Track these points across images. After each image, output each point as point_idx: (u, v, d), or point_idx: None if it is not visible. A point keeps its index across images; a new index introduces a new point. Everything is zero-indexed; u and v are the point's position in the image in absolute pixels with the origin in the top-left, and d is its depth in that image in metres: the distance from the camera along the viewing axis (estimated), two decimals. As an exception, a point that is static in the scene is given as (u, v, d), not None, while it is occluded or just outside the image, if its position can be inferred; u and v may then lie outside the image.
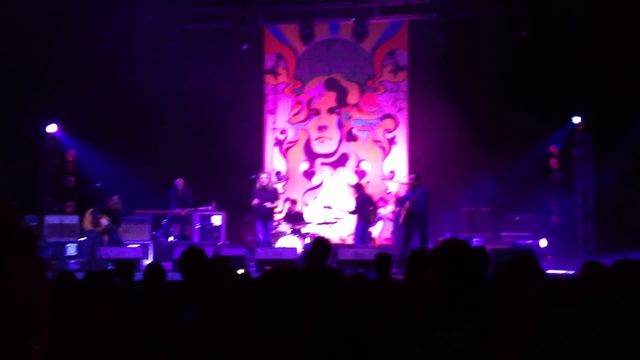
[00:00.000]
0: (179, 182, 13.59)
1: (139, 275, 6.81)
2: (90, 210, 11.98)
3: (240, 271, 5.73)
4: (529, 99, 12.56)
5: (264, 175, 12.53)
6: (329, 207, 13.30)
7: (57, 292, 3.97)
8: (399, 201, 12.12)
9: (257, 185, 12.24)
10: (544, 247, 12.65)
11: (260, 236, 12.06)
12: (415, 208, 11.24)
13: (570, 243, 13.07)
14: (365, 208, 12.15)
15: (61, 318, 3.72)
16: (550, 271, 8.29)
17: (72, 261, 11.97)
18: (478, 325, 2.36)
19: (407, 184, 12.43)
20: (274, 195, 12.41)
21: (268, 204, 12.06)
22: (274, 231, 12.49)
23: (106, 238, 11.87)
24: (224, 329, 2.98)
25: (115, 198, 11.79)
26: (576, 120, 13.31)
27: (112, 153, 14.06)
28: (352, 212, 12.41)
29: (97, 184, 12.78)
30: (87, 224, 11.82)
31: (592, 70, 12.34)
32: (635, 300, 1.12)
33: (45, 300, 0.79)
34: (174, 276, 8.69)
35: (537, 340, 1.10)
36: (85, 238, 11.80)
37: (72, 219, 12.86)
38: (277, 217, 13.14)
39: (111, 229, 11.66)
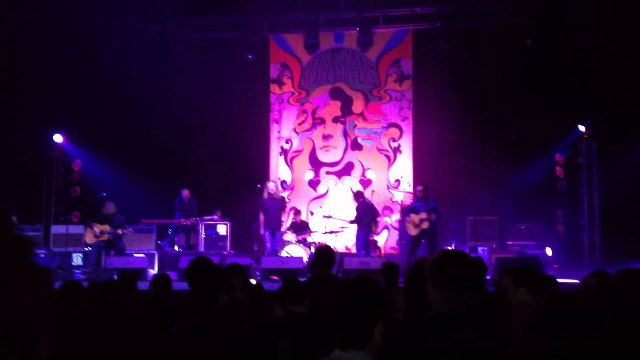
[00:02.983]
0: (185, 192, 13.63)
1: (143, 285, 6.81)
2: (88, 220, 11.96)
3: (253, 281, 5.72)
4: (534, 108, 12.54)
5: (271, 184, 12.41)
6: (329, 217, 13.23)
7: (65, 301, 3.98)
8: (404, 211, 12.06)
9: (265, 194, 12.17)
10: (550, 256, 12.61)
11: (269, 245, 11.99)
12: (436, 220, 11.28)
13: (576, 252, 13.04)
14: (367, 217, 12.08)
15: (68, 325, 3.74)
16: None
17: (78, 271, 11.97)
18: (475, 334, 2.36)
19: (413, 194, 12.41)
20: (282, 204, 12.38)
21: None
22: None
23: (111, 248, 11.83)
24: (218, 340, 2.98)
25: (108, 204, 11.77)
26: (582, 128, 13.31)
27: (118, 163, 14.11)
28: (353, 222, 12.31)
29: (103, 194, 12.78)
30: (88, 238, 11.80)
31: (598, 79, 12.33)
32: (635, 308, 1.13)
33: (45, 306, 0.81)
34: (180, 286, 8.70)
35: (544, 349, 1.11)
36: (90, 248, 11.78)
37: (78, 229, 12.88)
38: (283, 226, 13.13)
39: (114, 237, 11.63)
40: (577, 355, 1.11)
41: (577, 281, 7.81)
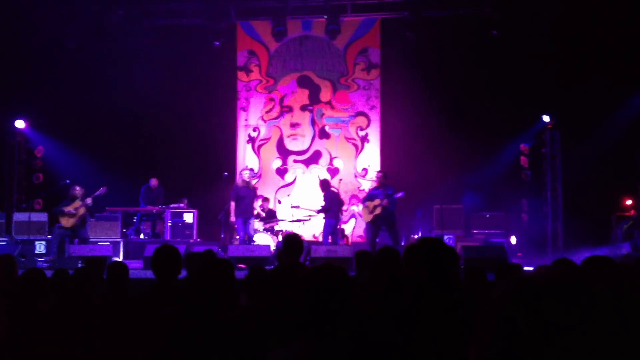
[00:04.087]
0: (153, 181, 13.47)
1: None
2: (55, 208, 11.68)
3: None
4: (499, 98, 12.68)
5: (246, 172, 12.18)
6: (297, 207, 13.21)
7: (26, 290, 3.90)
8: (364, 199, 12.02)
9: (240, 182, 12.00)
10: (514, 244, 12.82)
11: (242, 234, 11.85)
12: (390, 206, 11.27)
13: (540, 240, 13.26)
14: (335, 205, 12.08)
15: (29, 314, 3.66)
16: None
17: (41, 259, 11.74)
18: (451, 321, 2.39)
19: (374, 181, 12.42)
20: (254, 192, 12.27)
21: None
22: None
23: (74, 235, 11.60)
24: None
25: (76, 188, 11.57)
26: (546, 118, 13.51)
27: (81, 149, 13.87)
28: (320, 211, 12.27)
29: (66, 181, 12.53)
30: (65, 222, 11.50)
31: (562, 69, 12.52)
32: (600, 296, 1.14)
33: None
34: (145, 274, 8.61)
35: (506, 335, 1.11)
36: (51, 236, 11.55)
37: (41, 216, 12.65)
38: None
39: (88, 209, 11.44)
40: (539, 338, 1.11)
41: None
